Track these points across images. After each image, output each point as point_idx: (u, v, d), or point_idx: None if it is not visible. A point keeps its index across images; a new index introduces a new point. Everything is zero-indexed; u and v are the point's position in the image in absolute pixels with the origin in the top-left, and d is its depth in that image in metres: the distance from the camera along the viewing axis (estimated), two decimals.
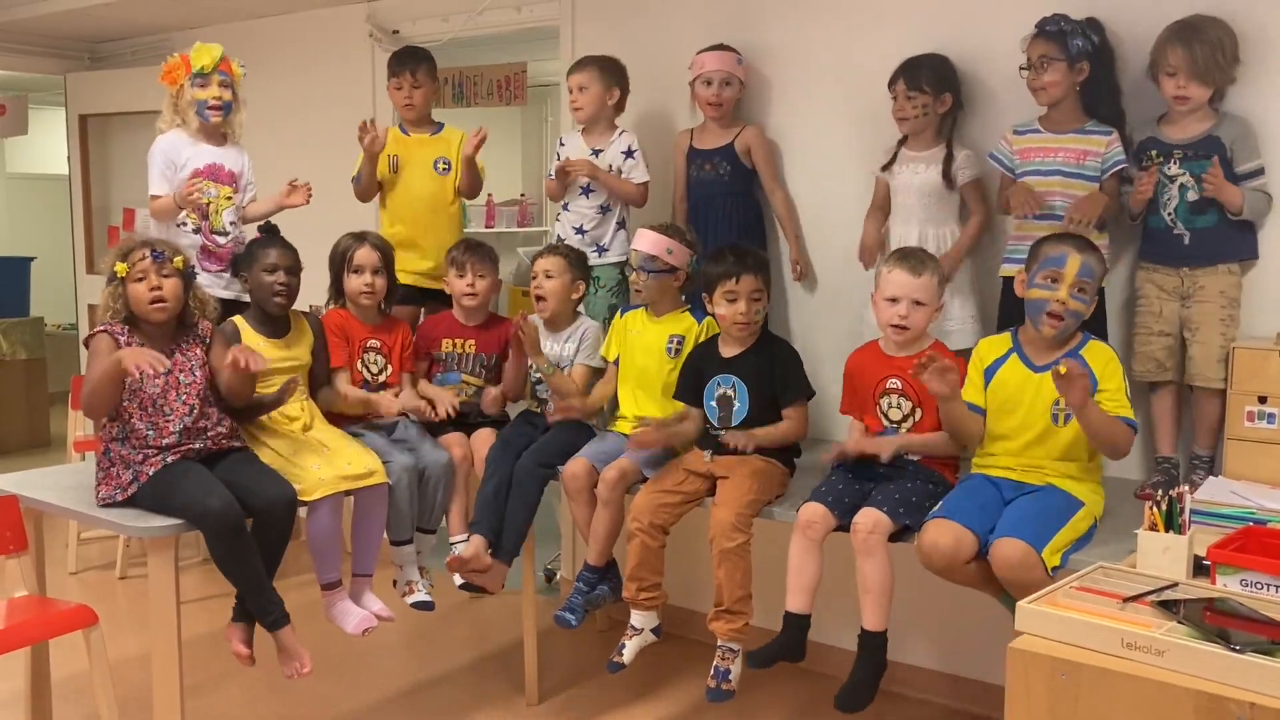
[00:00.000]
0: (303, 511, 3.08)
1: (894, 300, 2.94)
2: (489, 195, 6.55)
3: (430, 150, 4.00)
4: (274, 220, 3.60)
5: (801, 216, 3.83)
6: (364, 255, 3.52)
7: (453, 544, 3.51)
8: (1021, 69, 3.14)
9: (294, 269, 3.32)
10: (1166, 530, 2.18)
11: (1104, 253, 3.11)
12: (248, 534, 2.87)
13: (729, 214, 3.74)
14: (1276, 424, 2.88)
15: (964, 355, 3.06)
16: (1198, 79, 2.91)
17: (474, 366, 3.66)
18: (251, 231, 3.69)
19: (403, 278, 3.77)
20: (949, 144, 3.36)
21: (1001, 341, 2.89)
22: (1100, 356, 2.73)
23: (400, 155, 3.98)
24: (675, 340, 3.44)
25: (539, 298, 3.58)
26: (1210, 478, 2.95)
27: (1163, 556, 2.17)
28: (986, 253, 3.43)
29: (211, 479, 2.91)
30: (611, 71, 3.81)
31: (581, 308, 3.76)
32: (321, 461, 3.15)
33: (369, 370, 3.55)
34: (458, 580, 3.42)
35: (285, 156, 4.49)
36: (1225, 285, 2.99)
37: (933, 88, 3.31)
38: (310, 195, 3.77)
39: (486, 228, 6.64)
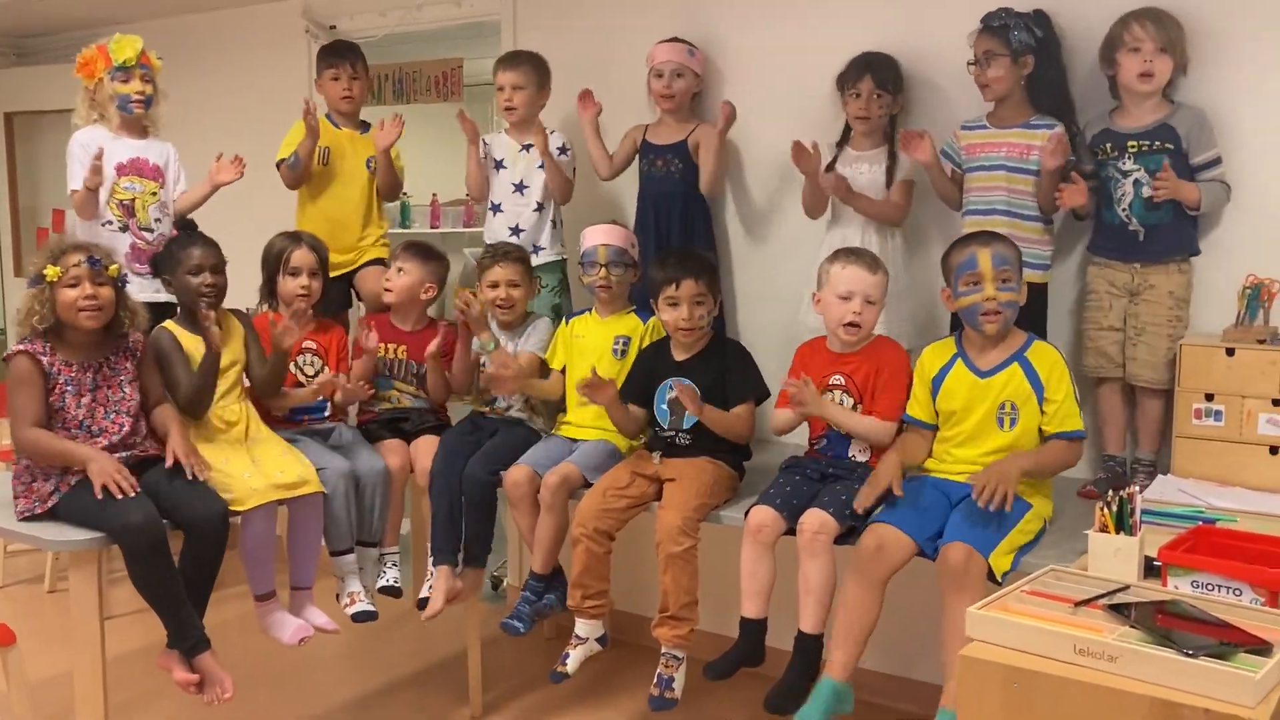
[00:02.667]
0: (239, 521, 2.97)
1: (847, 297, 2.89)
2: (434, 195, 6.43)
3: (362, 148, 3.89)
4: (196, 215, 3.48)
5: (754, 216, 3.77)
6: (301, 257, 3.40)
7: (383, 555, 3.41)
8: (969, 64, 3.10)
9: (219, 267, 3.19)
10: (1117, 532, 2.14)
11: (1049, 249, 3.09)
12: (168, 552, 2.74)
13: (679, 213, 3.65)
14: (1224, 422, 2.86)
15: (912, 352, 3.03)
16: (1167, 51, 2.88)
17: (406, 374, 3.55)
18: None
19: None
20: (891, 143, 3.31)
21: (945, 348, 2.85)
22: (1046, 360, 2.69)
23: (333, 148, 3.86)
24: (621, 341, 3.37)
25: (506, 306, 3.48)
26: (1159, 476, 2.93)
27: (1114, 558, 2.13)
28: (925, 254, 3.39)
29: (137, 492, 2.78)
30: (544, 69, 3.73)
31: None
32: (253, 470, 3.04)
33: (304, 373, 3.44)
34: (423, 594, 3.36)
35: (217, 154, 4.34)
36: (1175, 285, 2.97)
37: (894, 89, 3.27)
38: (243, 169, 3.65)
39: (432, 228, 6.51)
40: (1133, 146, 2.96)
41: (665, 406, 3.15)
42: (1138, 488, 2.19)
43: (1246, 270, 2.92)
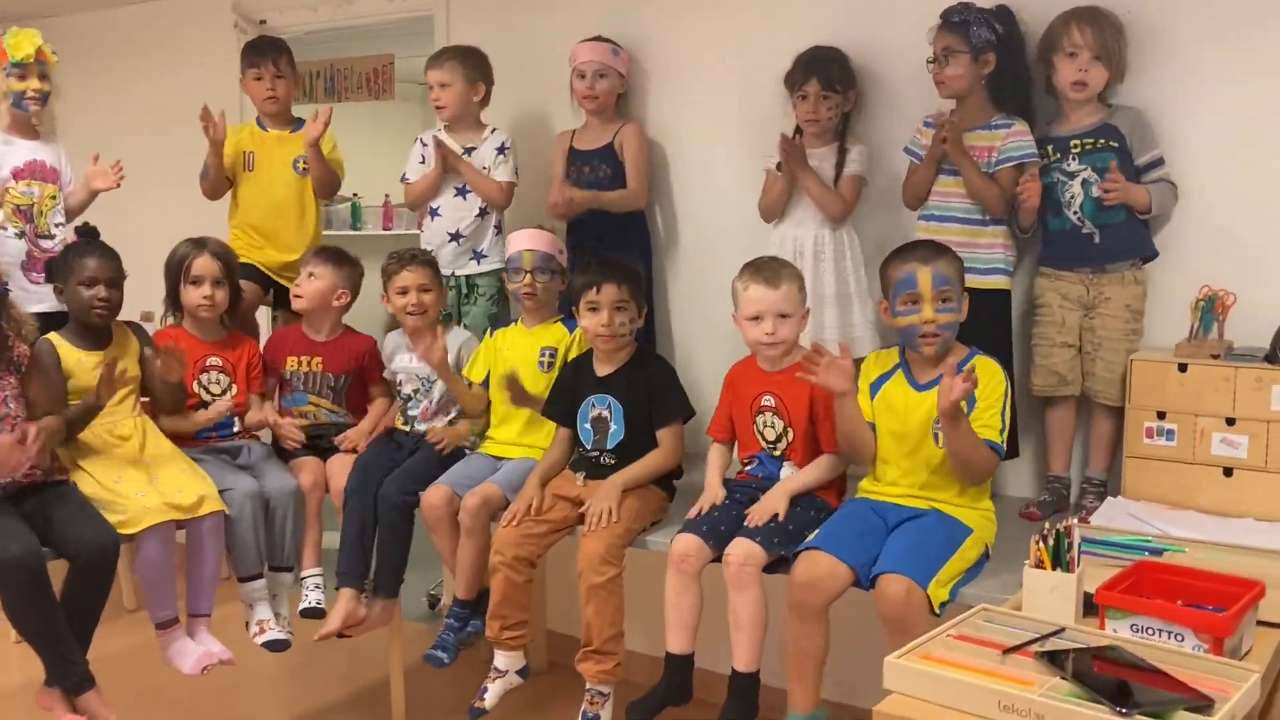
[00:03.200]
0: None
1: (757, 318, 2.72)
2: (385, 196, 6.24)
3: (291, 148, 3.68)
4: (116, 220, 3.28)
5: (688, 224, 3.59)
6: (203, 265, 3.21)
7: (303, 578, 3.22)
8: (928, 61, 2.94)
9: (115, 280, 3.00)
10: (1054, 567, 1.98)
11: (1012, 254, 2.93)
12: (48, 585, 2.56)
13: (611, 221, 3.46)
14: (1176, 441, 2.71)
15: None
16: (1102, 61, 2.74)
17: (321, 387, 3.36)
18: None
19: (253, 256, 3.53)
20: (843, 141, 3.15)
21: (888, 357, 2.69)
22: (984, 374, 2.53)
23: (257, 152, 3.67)
24: (547, 353, 3.19)
25: (418, 312, 3.29)
26: (1109, 498, 2.78)
27: (1050, 596, 1.97)
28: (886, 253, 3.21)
29: (14, 520, 2.59)
30: (474, 64, 3.54)
31: (465, 320, 3.54)
32: (148, 489, 2.85)
33: (208, 391, 3.24)
34: (308, 604, 3.19)
35: (142, 155, 4.12)
36: (1130, 297, 2.82)
37: (844, 86, 3.11)
38: (121, 176, 3.44)
39: (385, 229, 6.33)
40: (1076, 146, 2.81)
41: (588, 425, 2.98)
42: (1076, 521, 2.02)
43: (1197, 280, 2.77)
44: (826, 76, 3.07)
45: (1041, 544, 1.98)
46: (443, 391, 3.30)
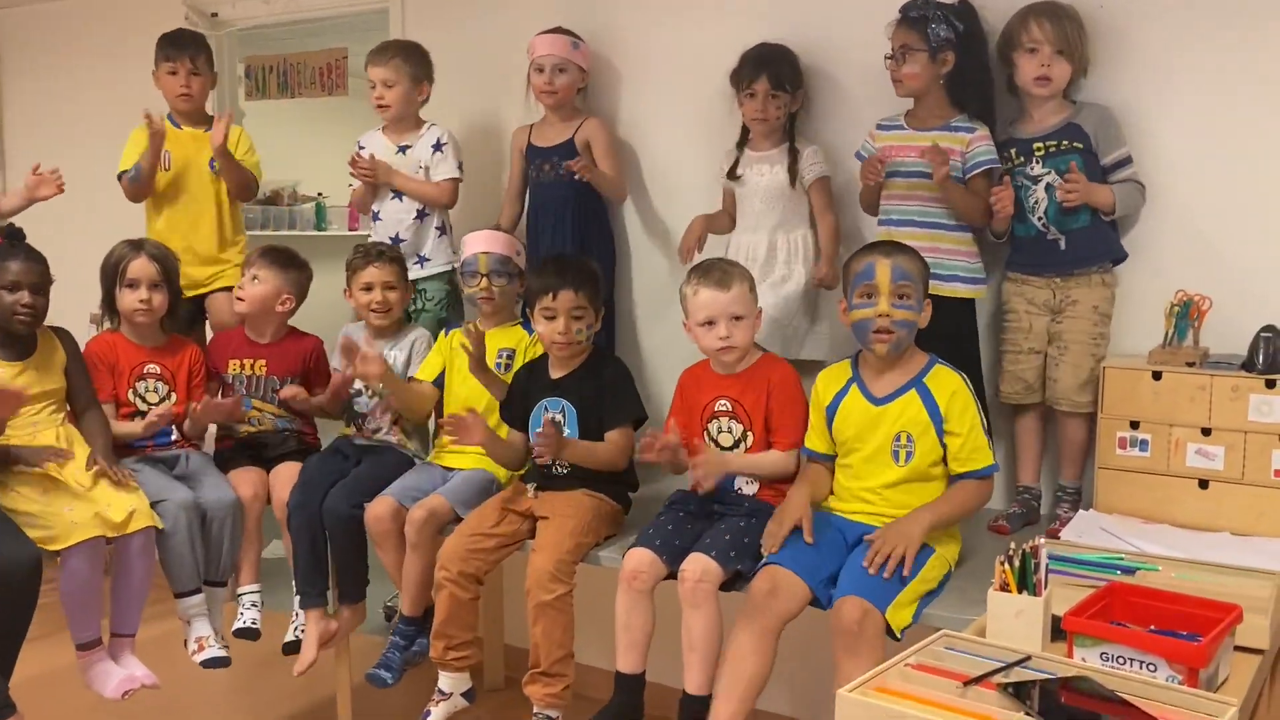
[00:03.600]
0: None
1: (710, 323, 2.60)
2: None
3: (207, 147, 3.51)
4: (62, 221, 3.15)
5: (652, 224, 3.47)
6: (139, 267, 3.06)
7: (240, 595, 3.08)
8: (886, 58, 2.83)
9: (40, 286, 2.85)
10: (1020, 590, 1.86)
11: (976, 261, 2.82)
12: None
13: (572, 221, 3.33)
14: (1150, 452, 2.60)
15: (818, 366, 2.78)
16: (1065, 55, 2.63)
17: (265, 391, 3.22)
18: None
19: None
20: (792, 141, 3.03)
21: (841, 372, 2.57)
22: (946, 387, 2.41)
23: (172, 152, 3.52)
24: (505, 355, 3.07)
25: (382, 310, 3.17)
26: (1080, 511, 2.67)
27: (1015, 621, 1.85)
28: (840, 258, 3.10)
29: None
30: (419, 62, 3.41)
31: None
32: (76, 503, 2.71)
33: (144, 400, 3.09)
34: (289, 637, 3.05)
35: (92, 152, 3.99)
36: (1098, 299, 2.71)
37: (792, 85, 3.00)
38: (61, 185, 3.31)
39: (350, 230, 6.18)
40: (1039, 149, 2.70)
41: (541, 429, 2.85)
42: (1042, 540, 1.91)
43: (1170, 284, 2.67)
44: (775, 75, 2.96)
45: (1007, 565, 1.87)
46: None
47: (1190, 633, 1.79)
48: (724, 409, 2.66)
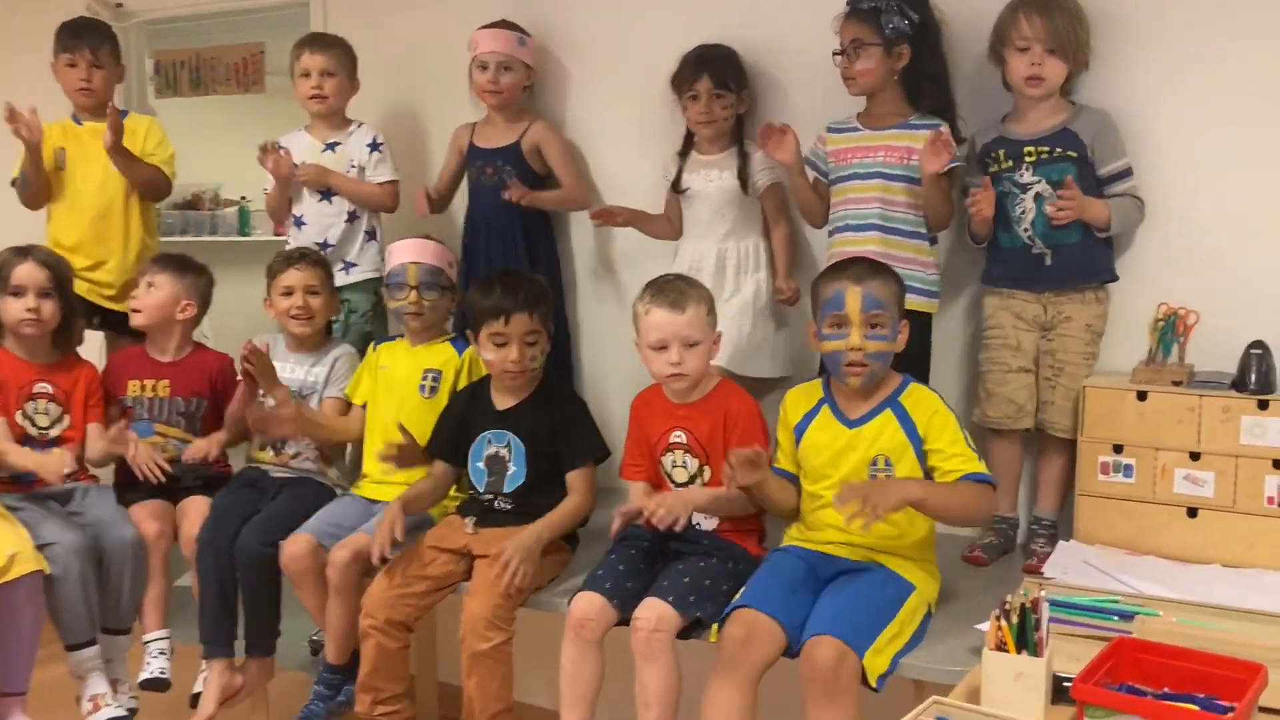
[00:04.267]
0: None
1: (662, 347, 2.37)
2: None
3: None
4: None
5: (600, 233, 3.22)
6: (26, 273, 2.77)
7: (146, 643, 2.78)
8: (835, 54, 2.62)
9: None
10: (1019, 650, 1.65)
11: (934, 272, 2.62)
12: None
13: (515, 230, 3.09)
14: (1134, 478, 2.43)
15: (777, 385, 2.60)
16: (1058, 53, 2.44)
17: (169, 414, 2.93)
18: None
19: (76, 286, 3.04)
20: (741, 144, 2.83)
21: (811, 391, 2.35)
22: (924, 406, 2.21)
23: (70, 149, 3.24)
24: (431, 376, 2.81)
25: (303, 316, 2.90)
26: (1061, 543, 2.48)
27: (1014, 685, 1.64)
28: (797, 268, 2.90)
29: None
30: (353, 56, 3.20)
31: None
32: None
33: (34, 424, 2.79)
34: (197, 688, 2.76)
35: None
36: (1091, 317, 2.52)
37: (738, 85, 2.80)
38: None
39: (276, 235, 5.76)
40: (1030, 154, 2.50)
41: (482, 465, 2.60)
42: (1044, 594, 1.70)
43: (1154, 297, 2.51)
44: (718, 74, 2.77)
45: (1003, 621, 1.66)
46: (318, 404, 2.91)
47: (1207, 695, 1.59)
48: (679, 441, 2.43)
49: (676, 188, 2.87)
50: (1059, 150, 2.46)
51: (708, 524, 2.42)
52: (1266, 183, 2.46)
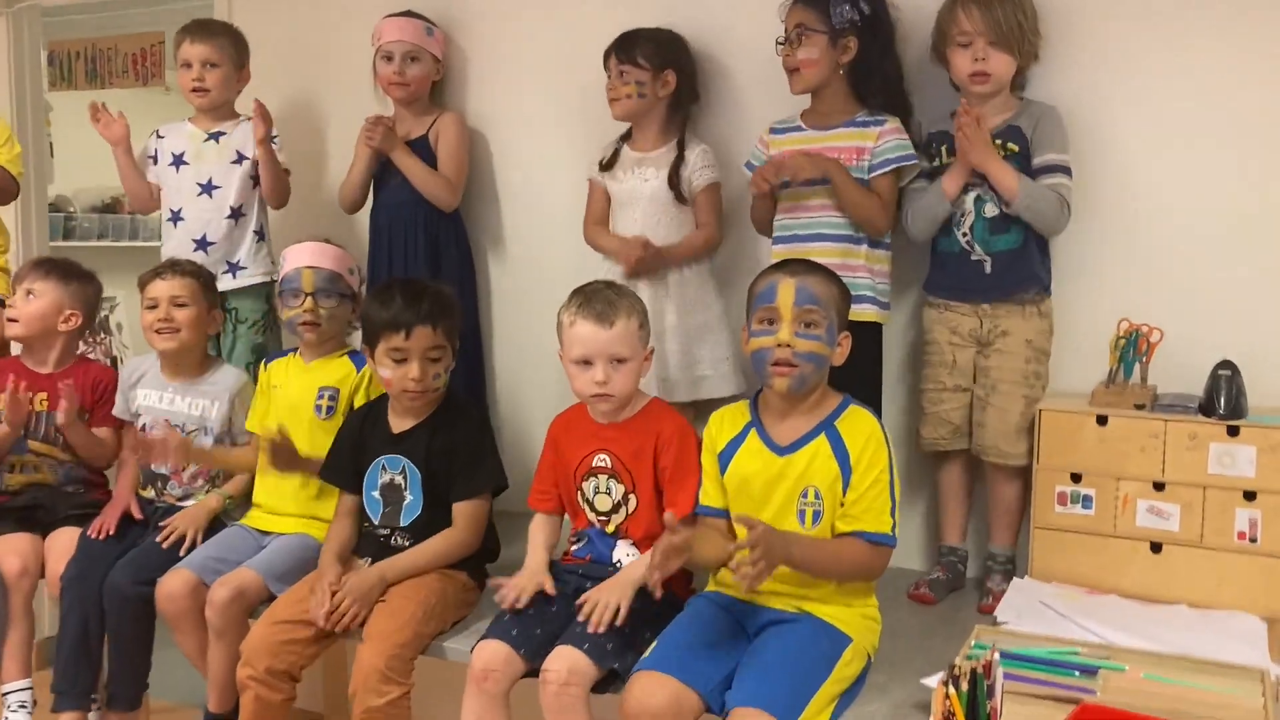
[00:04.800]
0: None
1: (585, 362, 2.14)
2: None
3: None
4: None
5: (516, 236, 3.00)
6: None
7: (6, 694, 2.50)
8: (778, 43, 2.41)
9: None
10: (968, 719, 1.43)
11: (885, 281, 2.41)
12: None
13: (422, 233, 2.86)
14: (1094, 509, 2.23)
15: (722, 403, 2.31)
16: (1001, 46, 2.25)
17: (47, 430, 2.66)
18: None
19: None
20: (680, 143, 2.61)
21: (737, 414, 2.11)
22: (860, 431, 1.98)
23: None
24: (327, 394, 2.55)
25: (168, 330, 2.62)
26: (1015, 580, 2.28)
27: None
28: (742, 281, 2.67)
29: None
30: (242, 45, 2.95)
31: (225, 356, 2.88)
32: None
33: None
34: None
35: None
36: (1032, 332, 2.33)
37: (650, 62, 2.56)
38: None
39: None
40: None
41: (377, 494, 2.34)
42: (997, 655, 1.48)
43: (1110, 310, 2.33)
44: (626, 49, 2.56)
45: (951, 689, 1.44)
46: (212, 445, 2.63)
47: None
48: (602, 465, 2.18)
49: (604, 166, 2.63)
50: (998, 144, 2.28)
51: (629, 560, 2.18)
52: (1232, 191, 2.31)
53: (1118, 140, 2.34)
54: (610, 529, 2.20)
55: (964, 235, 2.33)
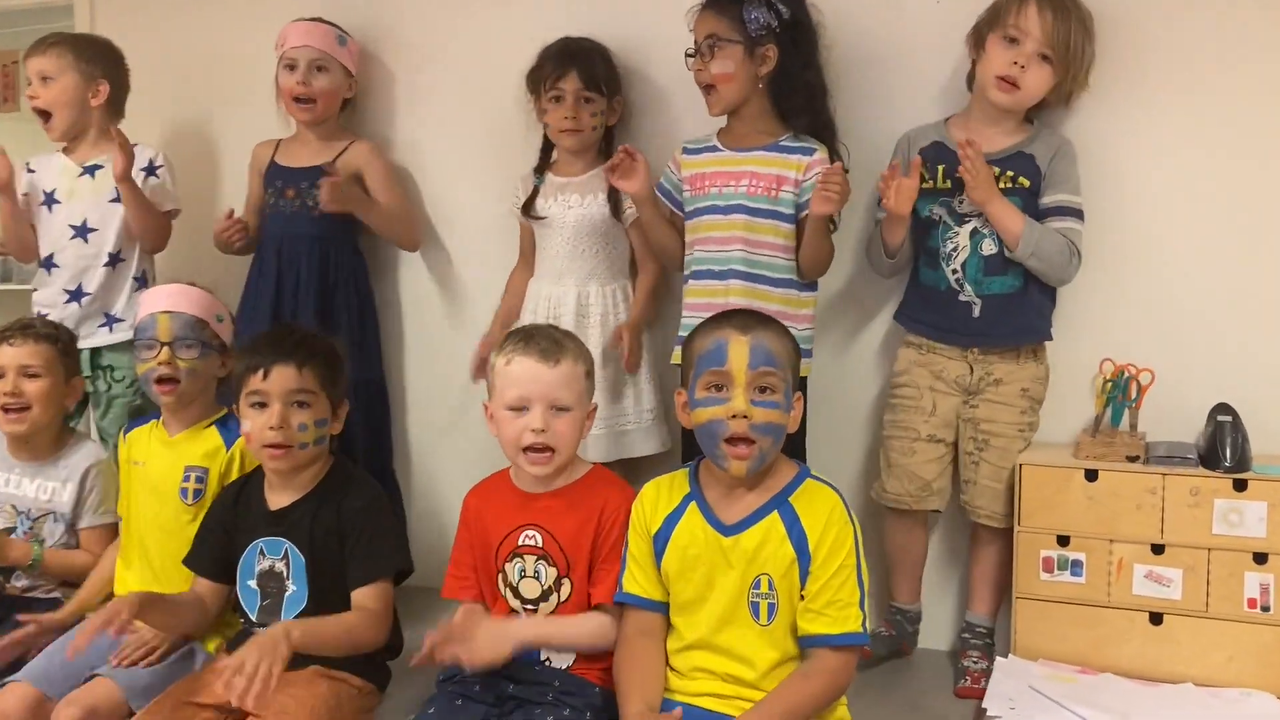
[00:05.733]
0: None
1: (521, 406, 1.82)
2: None
3: None
4: None
5: (440, 275, 2.69)
6: None
7: None
8: (688, 55, 2.15)
9: None
10: None
11: (808, 327, 2.12)
12: None
13: (317, 269, 2.54)
14: (1085, 576, 1.98)
15: (649, 463, 2.12)
16: (1054, 59, 2.00)
17: None
18: None
19: None
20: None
21: (673, 486, 1.79)
22: (819, 510, 1.67)
23: None
24: (195, 476, 2.15)
25: (14, 408, 2.22)
26: (999, 659, 2.01)
27: None
28: (668, 322, 2.41)
29: None
30: (94, 57, 2.59)
31: (99, 420, 2.55)
32: None
33: None
34: None
35: None
36: (1028, 380, 2.08)
37: (609, 89, 2.32)
38: None
39: None
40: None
41: (254, 584, 1.98)
42: None
43: (1093, 351, 2.11)
44: (588, 72, 2.29)
45: None
46: (64, 531, 2.25)
47: None
48: (531, 543, 1.85)
49: (528, 212, 2.34)
50: (1009, 176, 2.02)
51: (560, 660, 1.84)
52: (1224, 226, 2.10)
53: (1105, 172, 2.11)
54: (542, 615, 1.86)
55: (954, 272, 2.07)
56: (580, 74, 2.29)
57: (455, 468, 2.58)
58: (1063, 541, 1.98)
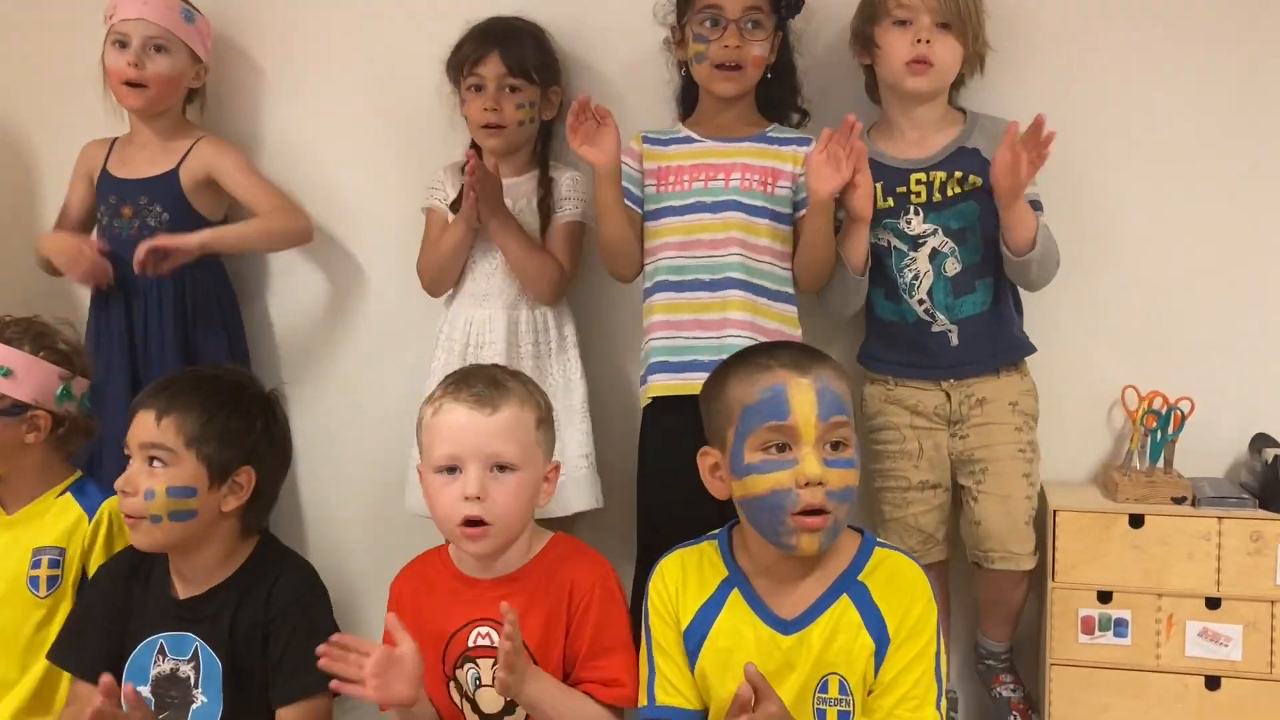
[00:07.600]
0: None
1: (453, 466, 1.43)
2: None
3: None
4: None
5: (336, 299, 2.24)
6: None
7: None
8: (680, 27, 1.86)
9: None
10: None
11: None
12: None
13: (169, 299, 2.07)
14: (1130, 637, 1.73)
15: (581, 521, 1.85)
16: (953, 29, 1.76)
17: None
18: None
19: None
20: (544, 165, 1.99)
21: (703, 564, 1.44)
22: (900, 589, 1.36)
23: None
24: (46, 557, 1.68)
25: None
26: None
27: None
28: (619, 359, 2.06)
29: None
30: None
31: None
32: None
33: None
34: None
35: None
36: (1016, 393, 1.82)
37: (543, 77, 1.95)
38: None
39: None
40: (919, 189, 1.79)
41: (148, 691, 1.53)
42: None
43: (1106, 378, 1.88)
44: (515, 55, 1.92)
45: None
46: None
47: None
48: (485, 644, 1.45)
49: (455, 207, 1.94)
50: (958, 178, 1.77)
51: None
52: (1236, 233, 1.89)
53: (1079, 163, 1.88)
54: None
55: (920, 303, 1.79)
56: (504, 57, 1.91)
57: (348, 522, 2.17)
58: (1104, 598, 1.73)
